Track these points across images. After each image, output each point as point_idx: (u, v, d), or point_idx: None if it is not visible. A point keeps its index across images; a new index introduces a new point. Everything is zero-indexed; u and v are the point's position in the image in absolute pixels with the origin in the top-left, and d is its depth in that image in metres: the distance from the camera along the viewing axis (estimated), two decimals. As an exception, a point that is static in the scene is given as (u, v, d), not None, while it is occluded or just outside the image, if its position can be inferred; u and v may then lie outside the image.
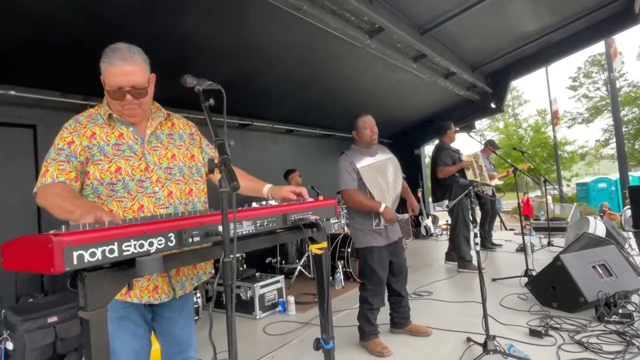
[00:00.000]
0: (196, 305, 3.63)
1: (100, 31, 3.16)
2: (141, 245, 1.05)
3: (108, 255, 0.98)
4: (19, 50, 3.17)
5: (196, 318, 3.60)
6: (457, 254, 5.09)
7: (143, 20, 3.23)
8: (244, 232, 1.35)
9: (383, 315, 3.09)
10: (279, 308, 3.92)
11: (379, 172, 2.95)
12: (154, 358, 2.18)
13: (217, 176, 1.30)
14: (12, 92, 3.45)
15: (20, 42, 3.08)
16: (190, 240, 1.16)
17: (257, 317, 3.75)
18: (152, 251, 1.07)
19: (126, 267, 1.06)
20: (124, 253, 1.01)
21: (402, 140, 8.92)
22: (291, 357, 2.88)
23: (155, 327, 1.66)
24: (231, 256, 1.13)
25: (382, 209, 2.83)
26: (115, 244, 1.00)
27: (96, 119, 1.52)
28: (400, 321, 3.11)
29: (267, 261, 5.31)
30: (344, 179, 2.91)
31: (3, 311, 2.52)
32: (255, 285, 3.80)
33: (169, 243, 1.11)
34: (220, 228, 1.21)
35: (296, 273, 5.01)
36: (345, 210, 5.57)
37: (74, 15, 2.97)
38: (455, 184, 4.77)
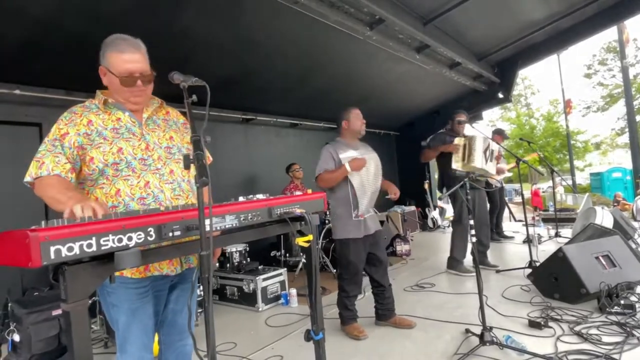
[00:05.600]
0: (200, 298, 3.69)
1: (101, 29, 3.17)
2: (120, 240, 1.08)
3: (86, 249, 1.01)
4: (22, 50, 3.23)
5: (200, 310, 3.66)
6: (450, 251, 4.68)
7: (143, 17, 3.26)
8: (227, 226, 1.37)
9: (369, 308, 3.26)
10: (282, 300, 3.97)
11: None
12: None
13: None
14: (17, 91, 3.53)
15: (23, 41, 3.14)
16: (171, 234, 1.19)
17: (260, 309, 3.80)
18: (131, 245, 1.09)
19: (106, 261, 1.09)
20: (103, 247, 1.04)
21: (409, 132, 8.89)
22: (291, 347, 2.92)
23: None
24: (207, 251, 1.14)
25: (347, 167, 2.91)
26: (94, 238, 1.03)
27: (90, 107, 1.56)
28: (384, 313, 3.16)
29: (271, 254, 5.36)
30: (321, 165, 3.00)
31: (10, 304, 2.61)
32: (257, 277, 3.85)
33: (148, 237, 1.14)
34: (201, 222, 1.23)
35: (300, 266, 5.05)
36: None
37: (75, 14, 3.02)
38: (447, 175, 4.42)
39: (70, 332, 1.03)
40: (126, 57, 1.50)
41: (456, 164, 4.35)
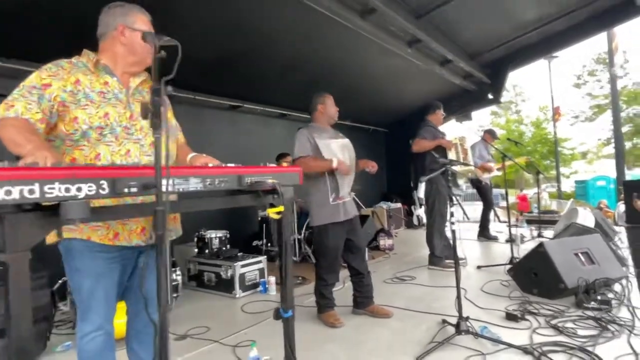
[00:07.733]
0: (175, 283, 3.60)
1: (85, 3, 3.09)
2: (67, 190, 1.00)
3: (27, 195, 0.94)
4: (4, 22, 3.10)
5: (175, 295, 3.58)
6: (429, 248, 4.61)
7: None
8: (190, 189, 1.30)
9: (347, 298, 3.23)
10: (260, 288, 3.90)
11: (338, 149, 3.01)
12: (119, 331, 2.13)
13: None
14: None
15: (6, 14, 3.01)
16: (126, 190, 1.11)
17: (237, 295, 3.72)
18: (79, 197, 1.02)
19: (51, 213, 1.02)
20: (47, 195, 0.97)
21: (398, 130, 8.85)
22: (264, 333, 2.85)
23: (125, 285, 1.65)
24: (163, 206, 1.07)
25: (334, 164, 2.85)
26: (37, 184, 0.95)
27: (78, 65, 1.53)
28: (362, 300, 3.13)
29: (253, 244, 5.28)
30: (299, 148, 2.95)
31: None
32: (236, 264, 3.77)
33: (100, 190, 1.07)
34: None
35: (282, 256, 4.98)
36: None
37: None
38: (429, 169, 4.27)
39: (8, 286, 0.95)
40: (148, 19, 1.66)
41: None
